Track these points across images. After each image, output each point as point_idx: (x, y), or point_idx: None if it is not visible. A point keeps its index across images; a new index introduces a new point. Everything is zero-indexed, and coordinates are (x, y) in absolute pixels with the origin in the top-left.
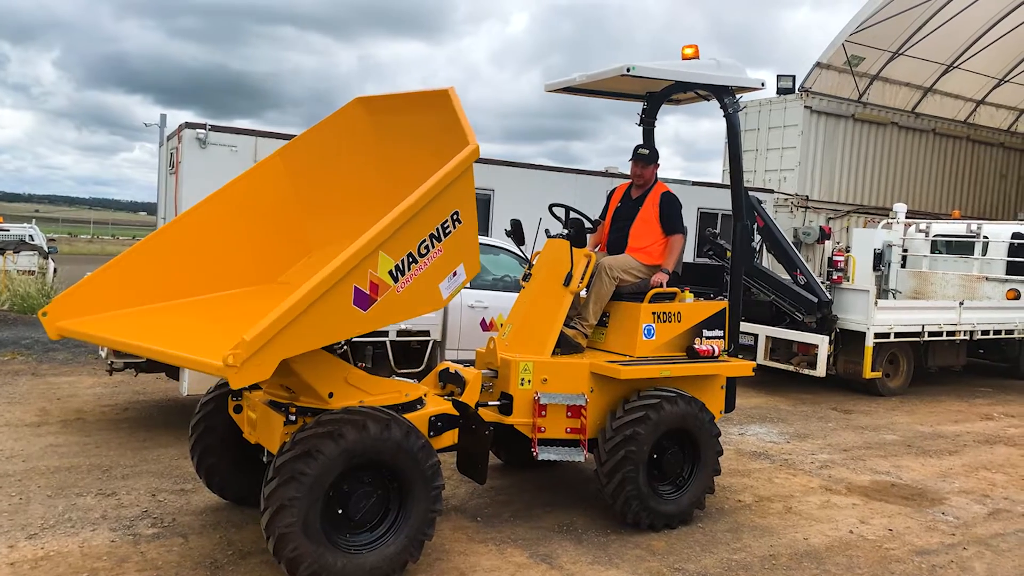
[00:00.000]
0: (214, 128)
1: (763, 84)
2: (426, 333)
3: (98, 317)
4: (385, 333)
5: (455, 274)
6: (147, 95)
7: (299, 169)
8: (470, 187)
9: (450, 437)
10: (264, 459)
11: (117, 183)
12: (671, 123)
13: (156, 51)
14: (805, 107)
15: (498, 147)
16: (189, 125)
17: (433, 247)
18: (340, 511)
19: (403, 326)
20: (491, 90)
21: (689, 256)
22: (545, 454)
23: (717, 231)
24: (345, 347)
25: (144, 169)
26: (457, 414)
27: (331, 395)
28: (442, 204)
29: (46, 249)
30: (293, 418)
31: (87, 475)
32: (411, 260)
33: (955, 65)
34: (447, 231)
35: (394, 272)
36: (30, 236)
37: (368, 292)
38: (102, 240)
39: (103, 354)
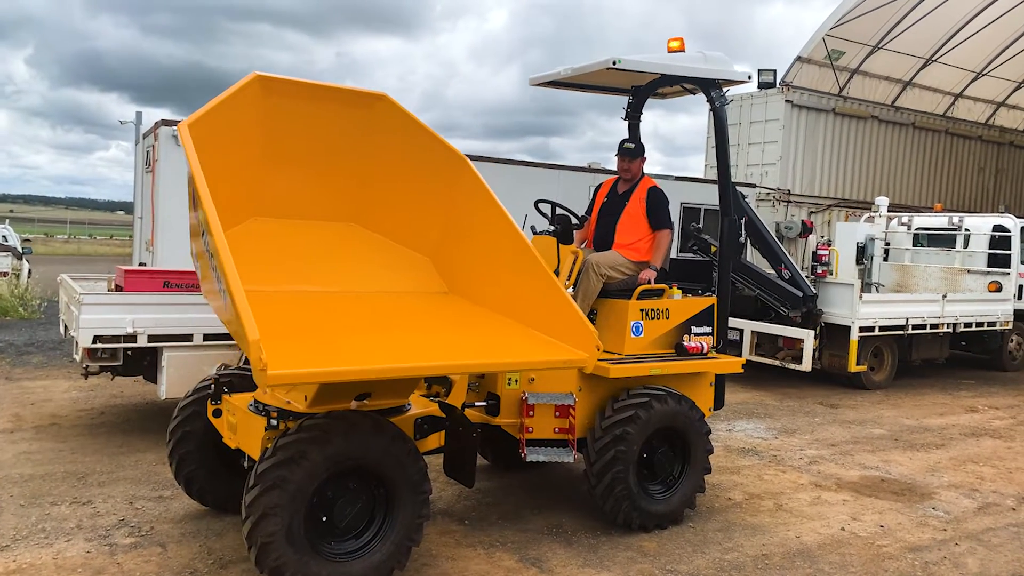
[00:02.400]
0: None
1: (750, 77)
2: None
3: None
4: None
5: None
6: (122, 93)
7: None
8: None
9: (436, 440)
10: (245, 465)
11: (93, 182)
12: (649, 118)
13: (130, 48)
14: (786, 101)
15: (478, 143)
16: (165, 123)
17: None
18: (324, 518)
19: None
20: (470, 87)
21: (673, 251)
22: (533, 455)
23: (700, 226)
24: None
25: (120, 168)
26: (443, 416)
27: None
28: None
29: (20, 250)
30: (275, 423)
31: (62, 483)
32: None
33: (934, 59)
34: None
35: None
36: (3, 237)
37: None
38: (79, 240)
39: (77, 357)
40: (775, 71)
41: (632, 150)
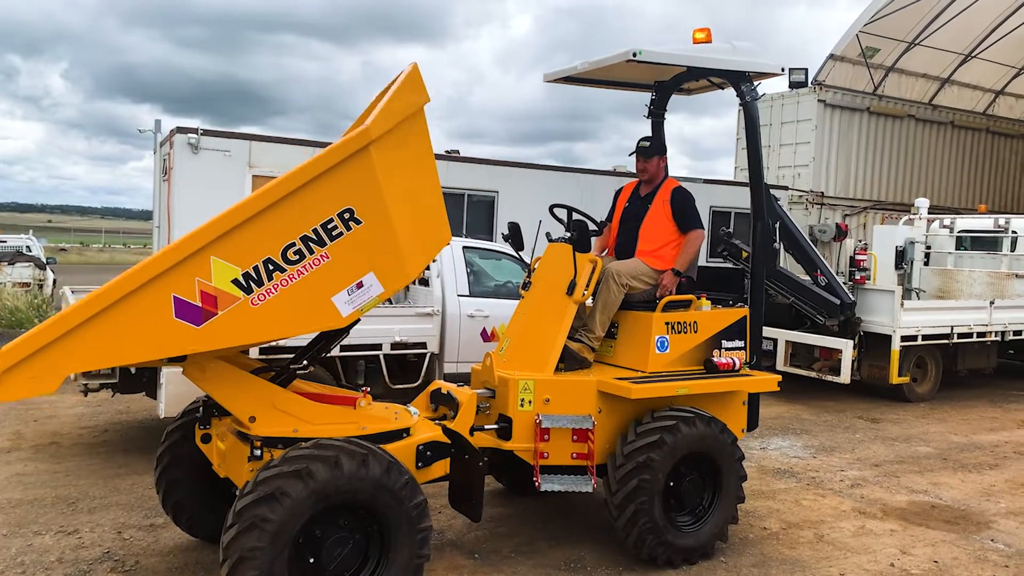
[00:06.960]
0: (206, 132)
1: (783, 69)
2: (423, 345)
3: None
4: (379, 346)
5: (360, 285)
6: (155, 104)
7: None
8: (371, 178)
9: (441, 467)
10: (236, 494)
11: (128, 192)
12: (674, 122)
13: (163, 61)
14: (819, 101)
15: (503, 149)
16: (180, 130)
17: (310, 252)
18: (312, 559)
19: (398, 338)
20: (494, 93)
21: (702, 258)
22: (548, 484)
23: (731, 231)
24: (307, 364)
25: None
26: (448, 441)
27: (252, 419)
28: (318, 199)
29: (43, 260)
30: (258, 453)
31: (51, 509)
32: (272, 268)
33: (973, 55)
34: (335, 233)
35: (242, 282)
36: (27, 247)
37: (199, 304)
38: (113, 249)
39: (73, 376)
40: (806, 70)
41: (647, 148)
